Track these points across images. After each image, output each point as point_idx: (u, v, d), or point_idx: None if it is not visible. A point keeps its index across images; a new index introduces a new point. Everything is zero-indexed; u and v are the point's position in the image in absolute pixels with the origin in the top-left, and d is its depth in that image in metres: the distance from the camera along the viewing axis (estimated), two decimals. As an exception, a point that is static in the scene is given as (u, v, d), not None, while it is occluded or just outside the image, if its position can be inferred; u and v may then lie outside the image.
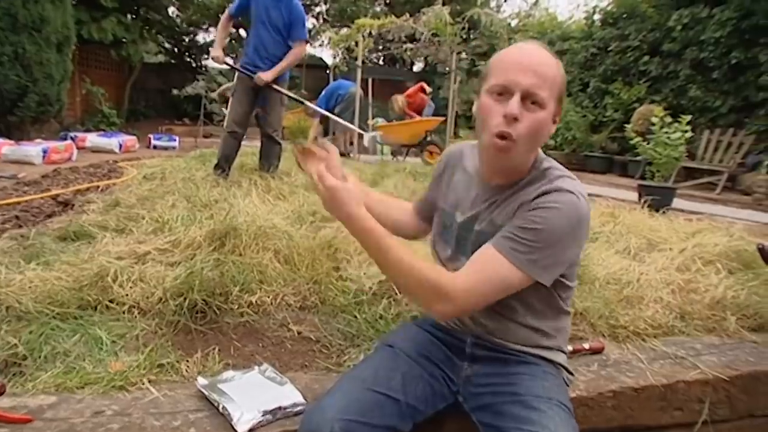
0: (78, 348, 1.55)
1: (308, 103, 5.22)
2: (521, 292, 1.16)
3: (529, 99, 1.08)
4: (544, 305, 1.24)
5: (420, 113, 10.06)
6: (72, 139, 7.71)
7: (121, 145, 8.23)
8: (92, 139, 8.22)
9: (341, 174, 1.13)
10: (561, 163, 1.25)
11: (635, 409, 1.66)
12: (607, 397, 1.62)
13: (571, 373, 1.39)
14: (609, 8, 11.40)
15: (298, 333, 1.85)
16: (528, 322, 1.25)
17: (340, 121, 5.76)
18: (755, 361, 1.92)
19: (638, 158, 9.14)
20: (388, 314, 1.95)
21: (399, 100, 9.80)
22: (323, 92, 9.21)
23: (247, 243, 2.15)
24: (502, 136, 1.10)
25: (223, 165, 4.40)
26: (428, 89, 10.36)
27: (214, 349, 1.65)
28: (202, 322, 1.79)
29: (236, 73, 4.49)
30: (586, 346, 1.86)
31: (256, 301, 1.92)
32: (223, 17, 4.52)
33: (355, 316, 1.92)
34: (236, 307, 1.88)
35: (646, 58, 10.23)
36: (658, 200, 4.30)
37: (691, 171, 8.00)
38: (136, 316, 1.78)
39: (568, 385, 1.35)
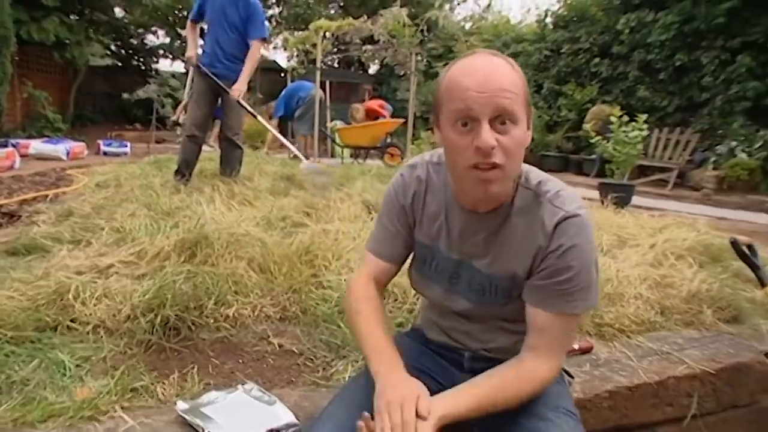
0: (37, 375, 1.40)
1: (261, 119, 4.99)
2: (521, 305, 1.11)
3: (499, 119, 0.95)
4: None
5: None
6: (14, 146, 7.26)
7: (68, 152, 7.81)
8: (36, 145, 7.77)
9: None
10: None
11: (630, 408, 1.65)
12: (603, 397, 1.60)
13: (570, 376, 1.35)
14: (560, 11, 11.69)
15: (280, 346, 1.75)
16: (521, 330, 1.19)
17: (279, 136, 5.50)
18: (735, 352, 1.96)
19: (593, 157, 9.44)
20: (372, 322, 1.87)
21: (360, 111, 9.78)
22: (282, 93, 9.02)
23: (219, 252, 2.03)
24: (481, 167, 0.96)
25: (184, 170, 4.21)
26: (389, 109, 10.48)
27: (191, 368, 1.53)
28: (176, 340, 1.66)
29: (192, 75, 4.33)
30: (576, 346, 1.84)
31: (233, 314, 1.81)
32: (188, 25, 4.41)
33: (339, 326, 1.83)
34: (212, 321, 1.76)
35: (597, 59, 10.55)
36: (622, 197, 4.39)
37: (644, 168, 8.27)
38: (102, 336, 1.63)
39: (569, 389, 1.31)
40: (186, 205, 3.16)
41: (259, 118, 4.81)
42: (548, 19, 12.07)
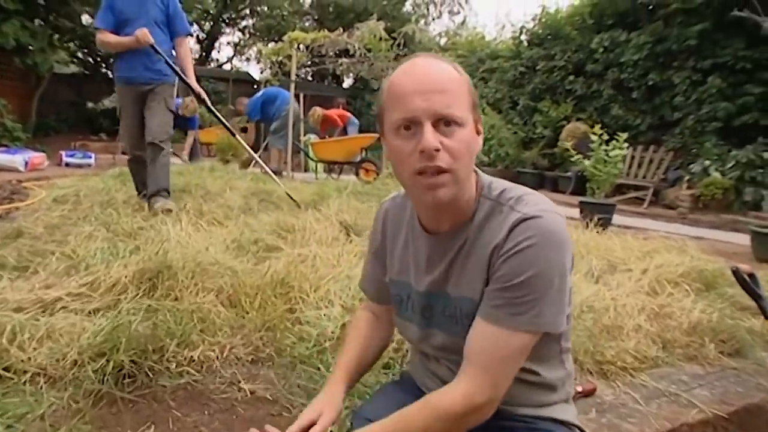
0: (-42, 440, 1.17)
1: (227, 124, 4.62)
2: None
3: (443, 121, 0.89)
4: (544, 350, 1.03)
5: (329, 132, 10.03)
6: (-34, 156, 6.84)
7: (26, 163, 7.39)
8: (-9, 156, 7.34)
9: None
10: None
11: (643, 461, 1.49)
12: (616, 452, 1.44)
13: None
14: (535, 29, 11.79)
15: (252, 393, 1.54)
16: (530, 378, 1.03)
17: (252, 153, 5.06)
18: (744, 391, 1.86)
19: (568, 174, 9.47)
20: (355, 362, 1.68)
21: (317, 112, 9.62)
22: (259, 94, 8.48)
23: (183, 284, 1.81)
24: (427, 172, 0.90)
25: (143, 189, 3.89)
26: (354, 124, 10.37)
27: (148, 424, 1.31)
28: (130, 389, 1.44)
29: (117, 89, 3.84)
30: (579, 388, 1.68)
31: (198, 357, 1.59)
32: (105, 37, 3.69)
33: (318, 368, 1.63)
34: (174, 366, 1.54)
35: (571, 77, 10.64)
36: (605, 218, 4.31)
37: (619, 186, 8.30)
38: (42, 388, 1.40)
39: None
40: (150, 225, 2.93)
41: (219, 116, 4.37)
42: (523, 37, 12.17)
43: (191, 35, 3.94)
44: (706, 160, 7.59)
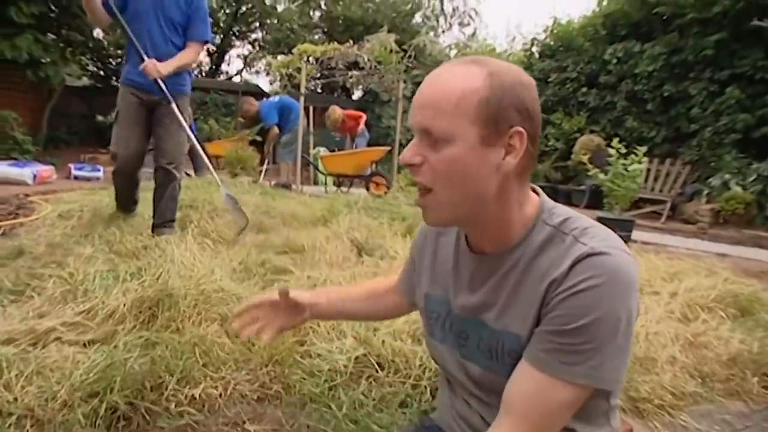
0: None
1: (192, 135, 4.08)
2: None
3: (428, 135, 0.81)
4: (590, 407, 0.89)
5: (352, 138, 9.78)
6: (-25, 169, 6.81)
7: (35, 176, 7.34)
8: (1, 168, 7.30)
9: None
10: None
11: None
12: None
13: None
14: (546, 41, 11.68)
15: (258, 435, 1.41)
16: None
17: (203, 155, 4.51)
18: (794, 433, 1.68)
19: (582, 187, 9.29)
20: (369, 399, 1.55)
21: (337, 111, 9.21)
22: (274, 100, 8.25)
23: (185, 313, 1.68)
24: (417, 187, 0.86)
25: (133, 208, 3.66)
26: (365, 137, 10.13)
27: (142, 476, 1.19)
28: (125, 433, 1.31)
29: (120, 91, 3.29)
30: (615, 431, 1.53)
31: (200, 395, 1.46)
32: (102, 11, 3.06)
33: (330, 406, 1.50)
34: (173, 405, 1.41)
35: (584, 89, 10.49)
36: (624, 235, 4.15)
37: (635, 201, 8.10)
38: (28, 431, 1.28)
39: None
40: (154, 243, 2.82)
41: (190, 134, 3.93)
42: (535, 48, 12.06)
43: (208, 42, 3.41)
44: (726, 173, 7.39)
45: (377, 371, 1.66)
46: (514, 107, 0.81)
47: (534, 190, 0.91)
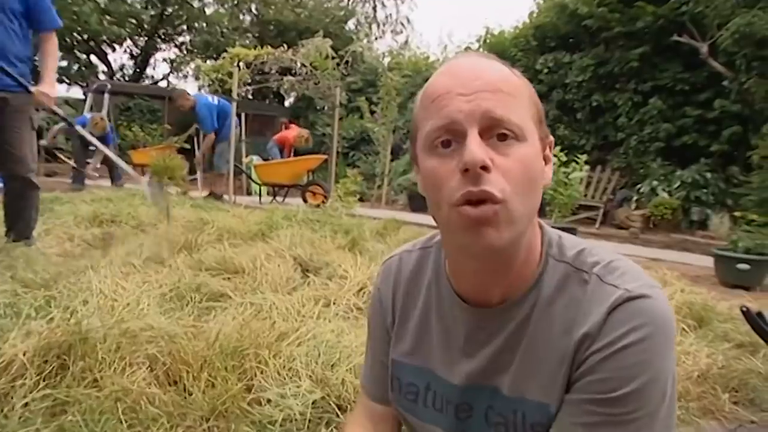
0: None
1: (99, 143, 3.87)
2: None
3: (495, 130, 0.63)
4: None
5: (289, 150, 9.59)
6: None
7: None
8: None
9: None
10: None
11: None
12: None
13: None
14: (480, 50, 11.87)
15: None
16: None
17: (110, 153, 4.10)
18: (771, 452, 1.62)
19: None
20: (332, 451, 1.33)
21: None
22: (211, 101, 7.60)
23: (105, 360, 1.39)
24: (472, 201, 0.62)
25: None
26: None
27: None
28: None
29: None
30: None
31: (123, 466, 1.18)
32: None
33: (286, 467, 1.26)
34: (88, 483, 1.13)
35: (517, 98, 10.72)
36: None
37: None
38: None
39: None
40: (68, 268, 2.45)
41: (94, 141, 3.56)
42: (468, 58, 12.22)
43: (61, 28, 3.15)
44: (653, 180, 7.72)
45: (338, 417, 1.43)
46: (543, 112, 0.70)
47: None
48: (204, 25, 18.33)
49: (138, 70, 19.65)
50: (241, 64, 8.23)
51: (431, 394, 0.77)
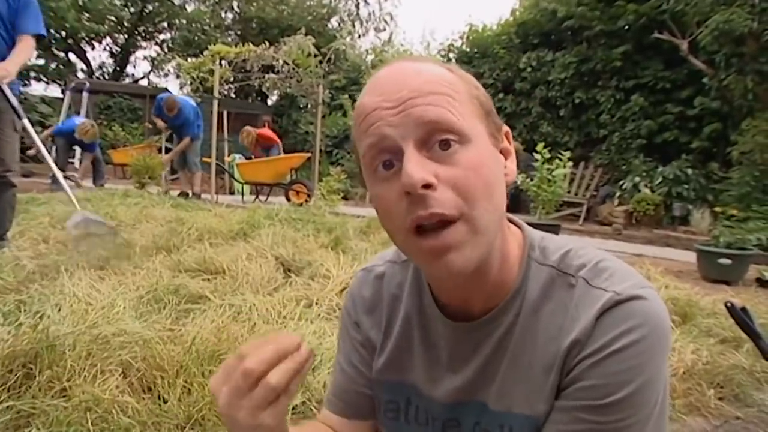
0: None
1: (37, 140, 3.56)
2: None
3: (435, 137, 0.57)
4: None
5: (267, 152, 9.41)
6: None
7: None
8: None
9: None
10: None
11: None
12: None
13: None
14: (462, 47, 11.88)
15: None
16: None
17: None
18: (756, 447, 1.62)
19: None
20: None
21: (252, 133, 8.84)
22: (189, 103, 7.61)
23: (74, 367, 1.32)
24: (425, 228, 0.57)
25: None
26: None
27: None
28: None
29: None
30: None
31: (93, 480, 1.12)
32: None
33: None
34: (55, 499, 1.07)
35: (501, 95, 10.75)
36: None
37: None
38: None
39: None
40: (41, 272, 2.37)
41: (36, 139, 3.39)
42: (452, 55, 12.22)
43: (43, 37, 3.12)
44: (635, 176, 7.79)
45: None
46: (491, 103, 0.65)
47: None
48: (185, 22, 18.11)
49: (118, 68, 19.36)
50: (222, 61, 8.13)
51: (413, 408, 0.73)
